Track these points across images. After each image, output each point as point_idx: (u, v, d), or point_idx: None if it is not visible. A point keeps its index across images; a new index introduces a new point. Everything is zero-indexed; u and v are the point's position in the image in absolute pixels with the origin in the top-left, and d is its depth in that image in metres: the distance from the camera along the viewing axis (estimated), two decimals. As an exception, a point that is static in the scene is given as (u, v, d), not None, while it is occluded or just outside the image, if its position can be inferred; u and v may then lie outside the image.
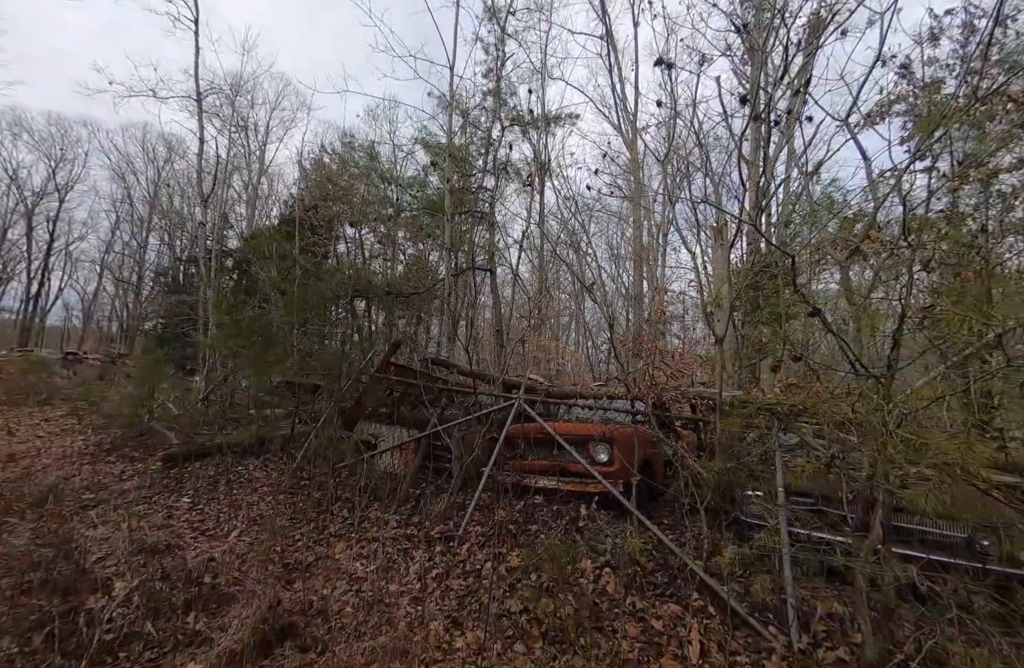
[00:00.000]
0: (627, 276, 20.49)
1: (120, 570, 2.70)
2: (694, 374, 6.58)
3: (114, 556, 2.88)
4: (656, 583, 2.80)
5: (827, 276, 8.23)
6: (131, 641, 2.19)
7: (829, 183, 9.05)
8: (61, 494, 4.22)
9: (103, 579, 2.56)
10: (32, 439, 7.01)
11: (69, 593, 2.40)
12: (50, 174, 29.46)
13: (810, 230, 7.48)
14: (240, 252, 16.16)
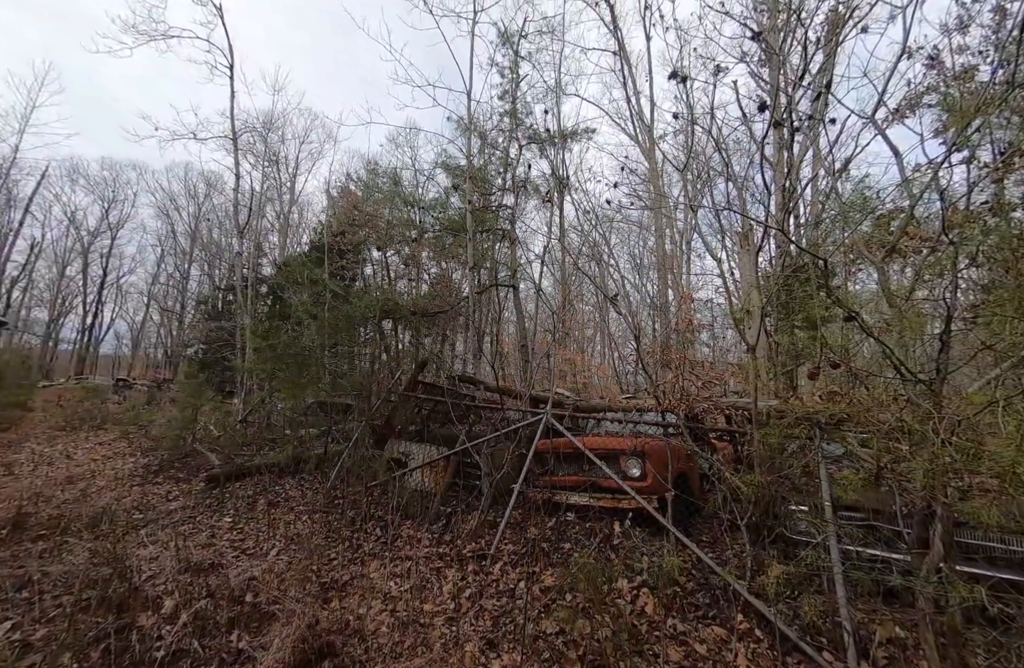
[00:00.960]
0: (651, 285, 20.27)
1: (168, 588, 2.80)
2: (726, 384, 6.37)
3: (163, 575, 2.99)
4: (697, 604, 2.67)
5: (864, 277, 7.90)
6: (180, 658, 2.26)
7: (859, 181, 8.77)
8: (114, 515, 4.43)
9: (153, 597, 2.67)
10: (88, 462, 7.43)
11: (123, 610, 2.50)
12: (103, 214, 32.04)
13: (842, 230, 7.24)
14: (274, 279, 16.94)
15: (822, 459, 2.97)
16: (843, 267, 7.43)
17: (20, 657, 2.22)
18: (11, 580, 3.03)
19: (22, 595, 2.85)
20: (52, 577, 2.93)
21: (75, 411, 12.62)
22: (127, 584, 2.71)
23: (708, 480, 4.28)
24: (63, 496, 5.26)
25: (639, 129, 12.74)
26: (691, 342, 9.31)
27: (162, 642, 2.37)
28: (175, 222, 32.97)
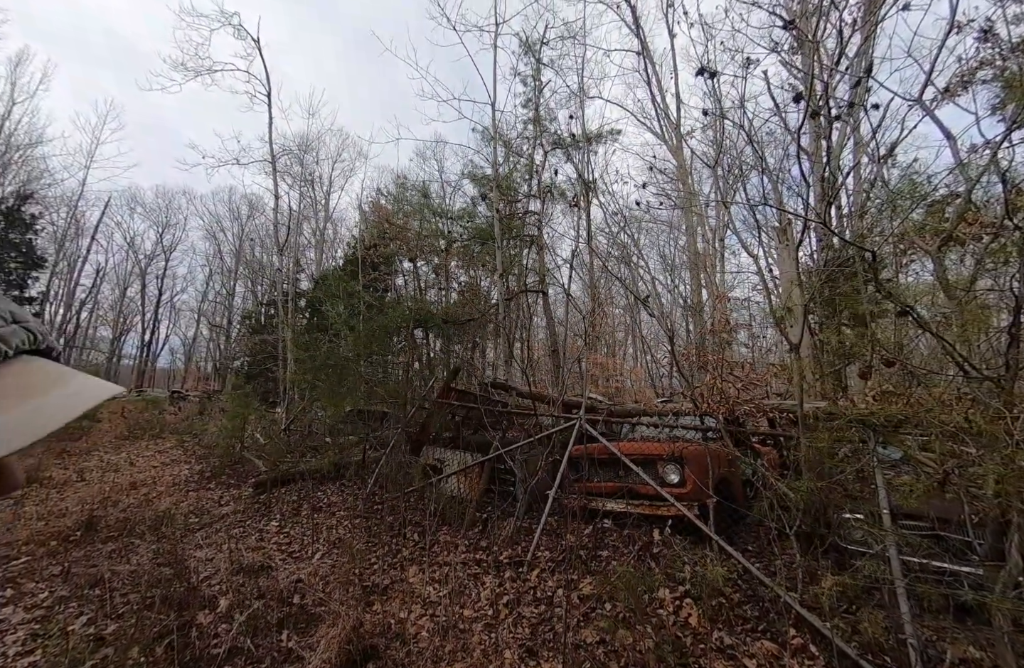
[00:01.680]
0: (684, 286, 19.75)
1: (223, 589, 2.95)
2: (768, 385, 6.09)
3: (217, 575, 3.15)
4: (745, 616, 2.55)
5: (917, 268, 7.40)
6: (235, 656, 2.37)
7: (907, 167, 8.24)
8: (173, 518, 4.71)
9: (209, 597, 2.81)
10: (149, 469, 7.95)
11: (183, 609, 2.65)
12: (158, 239, 34.56)
13: (890, 220, 6.82)
14: (312, 293, 17.68)
15: (878, 464, 2.79)
16: (893, 258, 6.99)
17: (95, 650, 2.39)
18: (85, 578, 3.28)
19: (95, 592, 3.07)
20: (121, 576, 3.14)
21: (136, 421, 13.56)
22: (186, 584, 2.87)
23: (752, 486, 4.09)
24: (128, 500, 5.65)
25: (665, 127, 12.54)
26: (728, 343, 8.98)
27: (219, 640, 2.50)
28: (221, 243, 35.10)
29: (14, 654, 2.46)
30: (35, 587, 3.26)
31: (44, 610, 2.92)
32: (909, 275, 7.42)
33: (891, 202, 7.18)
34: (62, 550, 3.95)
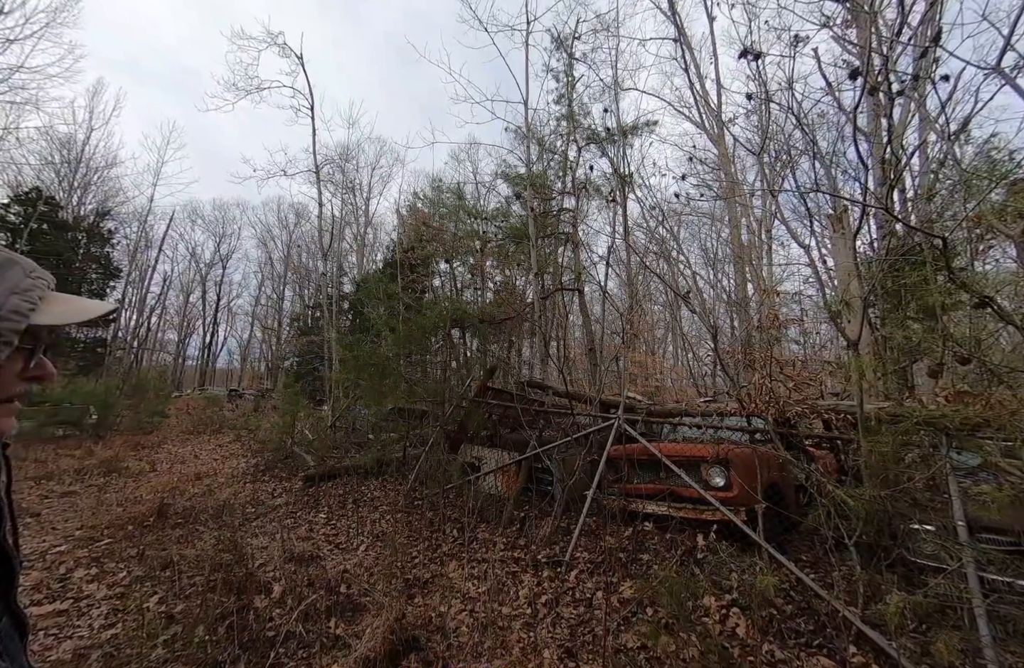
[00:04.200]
0: (728, 280, 18.89)
1: (276, 575, 3.12)
2: (823, 384, 5.70)
3: (271, 563, 3.34)
4: (799, 630, 2.40)
5: (997, 254, 6.68)
6: (288, 639, 2.50)
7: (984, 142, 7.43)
8: (232, 508, 5.04)
9: (264, 582, 2.98)
10: (210, 462, 8.56)
11: (242, 592, 2.83)
12: (216, 248, 37.07)
13: (964, 202, 6.20)
14: (354, 295, 18.35)
15: (951, 471, 2.54)
16: (968, 245, 6.35)
17: (166, 627, 2.60)
18: (157, 560, 3.57)
19: (166, 573, 3.33)
20: (187, 559, 3.40)
21: (200, 417, 14.64)
22: (244, 569, 3.06)
23: (805, 493, 3.85)
24: (193, 490, 6.10)
25: (705, 115, 12.01)
26: (777, 339, 8.48)
27: (273, 623, 2.64)
28: (271, 250, 37.21)
29: (98, 626, 2.72)
30: (115, 567, 3.58)
31: (123, 588, 3.20)
32: (987, 263, 6.71)
33: (965, 182, 6.53)
34: (137, 534, 4.32)
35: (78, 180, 21.39)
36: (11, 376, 0.50)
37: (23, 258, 0.52)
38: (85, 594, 3.13)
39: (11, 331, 0.46)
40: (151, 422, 12.57)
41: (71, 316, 0.54)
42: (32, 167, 19.77)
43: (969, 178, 6.60)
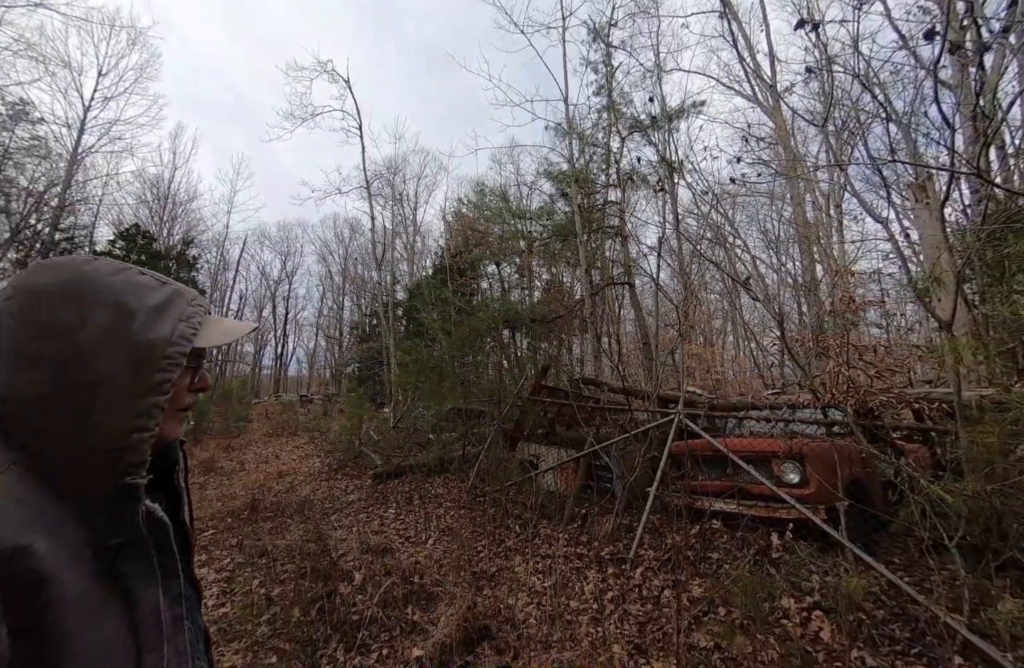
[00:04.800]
0: (793, 263, 17.56)
1: (356, 565, 3.37)
2: (911, 371, 5.16)
3: (350, 553, 3.61)
4: (893, 637, 2.21)
5: None
6: (371, 623, 2.70)
7: None
8: (312, 503, 5.47)
9: (346, 571, 3.24)
10: (290, 461, 9.31)
11: (328, 579, 3.10)
12: (282, 266, 40.19)
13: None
14: (408, 302, 19.12)
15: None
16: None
17: (267, 607, 2.90)
18: (254, 549, 3.97)
19: (262, 561, 3.71)
20: (279, 549, 3.75)
21: (277, 421, 15.96)
22: (329, 558, 3.33)
23: (895, 490, 3.52)
24: (278, 487, 6.68)
25: (757, 87, 11.25)
26: (854, 324, 7.75)
27: (356, 608, 2.86)
28: (330, 264, 39.71)
29: (212, 605, 3.09)
30: (220, 554, 4.04)
31: (228, 573, 3.61)
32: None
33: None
34: (235, 526, 4.82)
35: (166, 214, 24.10)
36: (182, 390, 0.60)
37: (187, 289, 0.62)
38: (199, 577, 3.56)
39: (180, 354, 0.56)
40: (237, 426, 13.88)
41: (223, 337, 0.64)
42: (130, 206, 22.58)
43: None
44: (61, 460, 0.49)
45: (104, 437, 0.50)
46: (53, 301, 0.51)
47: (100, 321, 0.51)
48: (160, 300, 0.56)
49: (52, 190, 17.35)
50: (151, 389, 0.53)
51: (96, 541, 0.49)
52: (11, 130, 16.15)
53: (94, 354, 0.50)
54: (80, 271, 0.53)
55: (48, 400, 0.49)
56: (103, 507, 0.50)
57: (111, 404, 0.50)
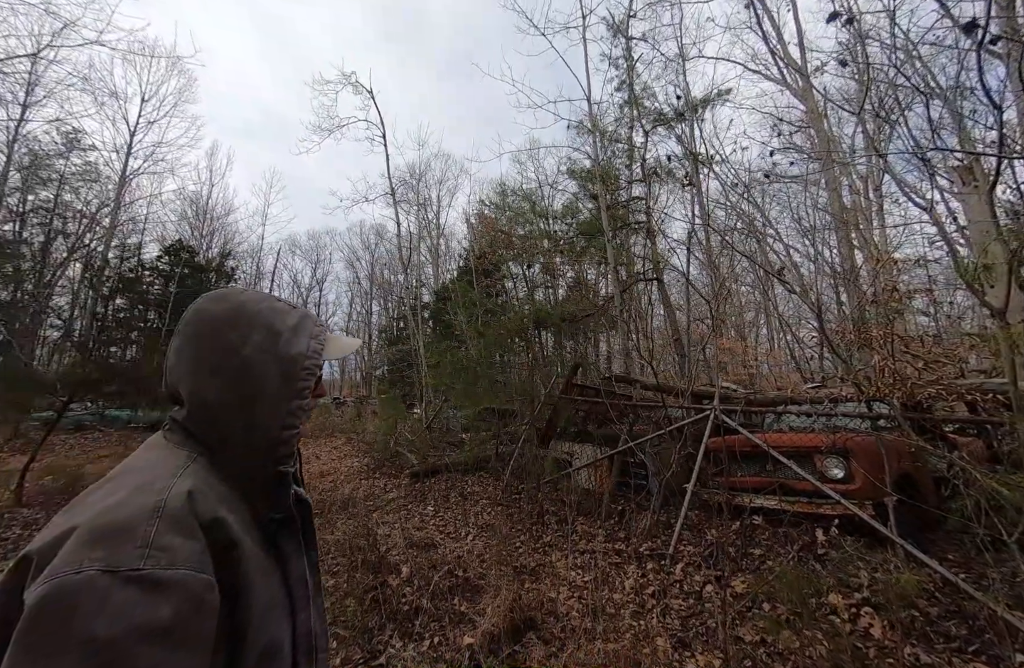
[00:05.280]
0: (829, 251, 16.82)
1: (402, 559, 3.53)
2: (962, 361, 4.89)
3: (396, 548, 3.77)
4: (948, 634, 2.16)
5: None
6: (419, 613, 2.83)
7: None
8: (355, 501, 5.70)
9: (394, 564, 3.40)
10: (330, 462, 9.68)
11: (377, 571, 3.25)
12: (312, 273, 41.58)
13: None
14: (435, 304, 19.45)
15: None
16: None
17: (326, 597, 3.08)
18: (307, 544, 4.20)
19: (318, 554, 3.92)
20: (330, 543, 3.95)
21: (315, 423, 16.57)
22: (377, 552, 3.50)
23: (948, 484, 3.38)
24: (322, 486, 6.99)
25: (787, 69, 10.85)
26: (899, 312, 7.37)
27: (405, 599, 3.00)
28: (358, 270, 40.79)
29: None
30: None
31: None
32: None
33: None
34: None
35: (205, 229, 25.42)
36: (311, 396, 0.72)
37: (310, 312, 0.74)
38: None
39: (315, 366, 0.68)
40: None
41: (341, 352, 0.75)
42: (172, 223, 23.95)
43: None
44: (233, 453, 0.61)
45: (264, 434, 0.62)
46: (222, 326, 0.63)
47: (257, 340, 0.63)
48: (295, 322, 0.68)
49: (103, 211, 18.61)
50: (296, 394, 0.65)
51: (258, 517, 0.61)
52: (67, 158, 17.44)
53: (256, 367, 0.62)
54: (239, 301, 0.66)
55: (224, 404, 0.61)
56: (262, 490, 0.62)
57: (269, 407, 0.62)
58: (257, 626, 0.53)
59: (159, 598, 0.42)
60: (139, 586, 0.42)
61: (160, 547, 0.45)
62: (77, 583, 0.40)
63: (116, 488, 0.52)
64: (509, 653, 2.46)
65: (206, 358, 0.61)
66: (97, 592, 0.40)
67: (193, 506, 0.51)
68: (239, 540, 0.53)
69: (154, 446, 0.62)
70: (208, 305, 0.65)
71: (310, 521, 0.71)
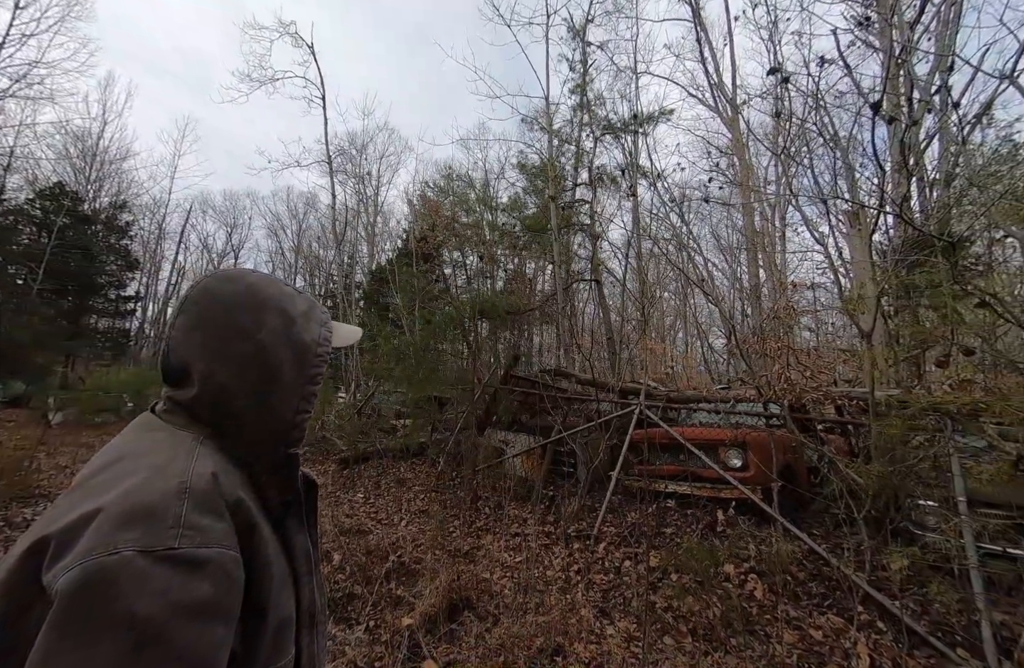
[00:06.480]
0: (739, 268, 18.84)
1: (333, 546, 3.48)
2: (836, 372, 5.89)
3: (327, 535, 3.70)
4: (811, 593, 2.69)
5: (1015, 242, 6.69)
6: (353, 600, 2.85)
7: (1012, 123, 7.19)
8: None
9: (325, 551, 3.34)
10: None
11: (307, 559, 3.18)
12: (227, 238, 37.39)
13: (980, 190, 6.21)
14: (370, 285, 18.59)
15: (954, 451, 2.78)
16: (988, 230, 6.38)
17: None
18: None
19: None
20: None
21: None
22: (306, 540, 3.41)
23: (817, 473, 4.11)
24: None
25: (718, 98, 11.89)
26: (791, 328, 8.59)
27: (338, 586, 2.99)
28: (282, 240, 37.43)
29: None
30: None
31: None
32: (1008, 248, 6.69)
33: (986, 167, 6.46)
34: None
35: (94, 173, 21.71)
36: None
37: (314, 298, 0.73)
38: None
39: (327, 353, 0.69)
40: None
41: (346, 340, 0.75)
42: (49, 161, 20.08)
43: (989, 163, 6.55)
44: (247, 436, 0.61)
45: (279, 418, 0.63)
46: (235, 308, 0.62)
47: (272, 325, 0.63)
48: (306, 308, 0.69)
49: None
50: (310, 380, 0.66)
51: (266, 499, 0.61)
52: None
53: (272, 352, 0.62)
54: (249, 282, 0.65)
55: (240, 388, 0.60)
56: (271, 472, 0.62)
57: (285, 392, 0.63)
58: (275, 604, 0.55)
59: (197, 576, 0.44)
60: (176, 565, 0.43)
61: (192, 526, 0.46)
62: (115, 563, 0.40)
63: (129, 470, 0.51)
64: (447, 631, 2.59)
65: (221, 340, 0.60)
66: (136, 572, 0.41)
67: (219, 487, 0.52)
68: (257, 521, 0.56)
69: (152, 427, 0.61)
70: (217, 285, 0.63)
71: (314, 501, 0.72)
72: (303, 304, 0.69)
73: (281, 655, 0.57)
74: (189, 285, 0.67)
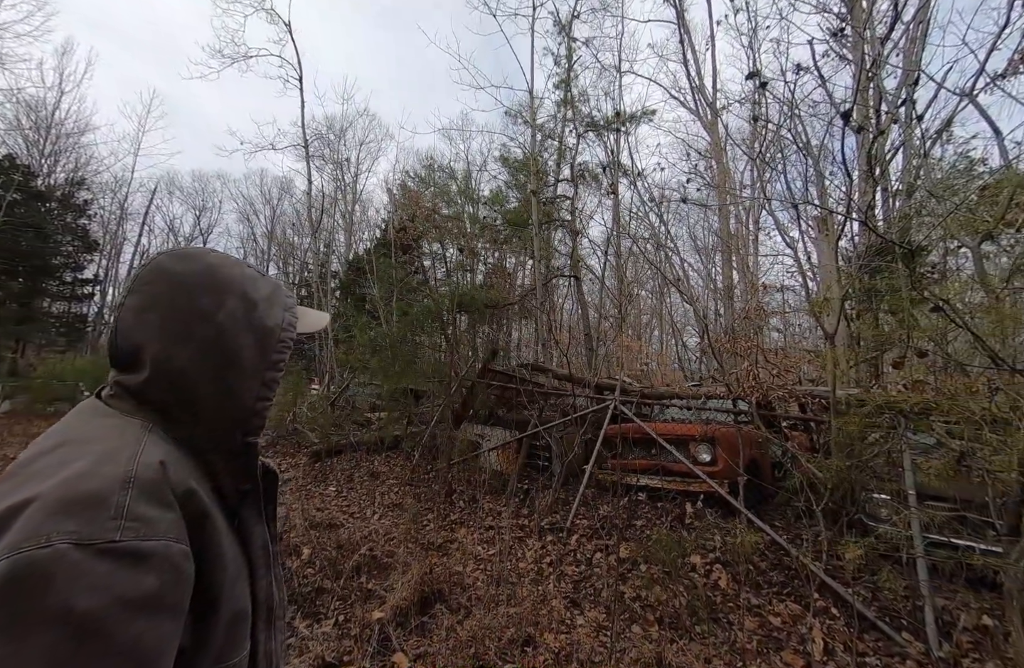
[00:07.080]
0: (714, 269, 19.33)
1: (303, 540, 3.42)
2: (801, 371, 6.15)
3: (296, 529, 3.63)
4: (772, 581, 2.82)
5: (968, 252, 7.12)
6: (322, 594, 2.81)
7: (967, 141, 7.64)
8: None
9: (294, 546, 3.28)
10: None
11: (275, 554, 3.12)
12: (196, 222, 35.70)
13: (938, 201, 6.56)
14: (347, 275, 18.17)
15: (906, 448, 2.95)
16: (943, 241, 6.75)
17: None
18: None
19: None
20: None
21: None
22: (274, 534, 3.34)
23: (781, 468, 4.29)
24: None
25: (699, 102, 12.10)
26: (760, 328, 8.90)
27: (307, 580, 2.95)
28: (254, 225, 36.06)
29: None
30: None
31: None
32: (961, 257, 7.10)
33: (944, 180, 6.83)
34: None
35: (49, 146, 20.33)
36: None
37: (279, 281, 0.69)
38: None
39: (290, 339, 0.66)
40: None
41: (312, 326, 0.73)
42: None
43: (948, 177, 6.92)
44: (204, 423, 0.58)
45: (239, 405, 0.60)
46: (193, 289, 0.59)
47: (232, 308, 0.60)
48: (269, 291, 0.66)
49: None
50: (271, 366, 0.63)
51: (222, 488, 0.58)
52: None
53: (231, 336, 0.59)
54: (207, 263, 0.61)
55: (197, 373, 0.57)
56: (227, 461, 0.59)
57: (245, 378, 0.60)
58: (228, 597, 0.53)
59: (141, 569, 0.41)
60: (117, 558, 0.40)
61: (136, 518, 0.43)
62: (47, 557, 0.38)
63: (70, 457, 0.47)
64: (418, 624, 2.59)
65: (181, 322, 0.57)
66: (70, 566, 0.38)
67: (167, 476, 0.49)
68: (210, 511, 0.53)
69: (96, 413, 0.57)
70: (172, 264, 0.60)
71: (274, 492, 0.69)
72: (266, 287, 0.66)
73: (236, 650, 0.55)
74: (140, 263, 0.62)
